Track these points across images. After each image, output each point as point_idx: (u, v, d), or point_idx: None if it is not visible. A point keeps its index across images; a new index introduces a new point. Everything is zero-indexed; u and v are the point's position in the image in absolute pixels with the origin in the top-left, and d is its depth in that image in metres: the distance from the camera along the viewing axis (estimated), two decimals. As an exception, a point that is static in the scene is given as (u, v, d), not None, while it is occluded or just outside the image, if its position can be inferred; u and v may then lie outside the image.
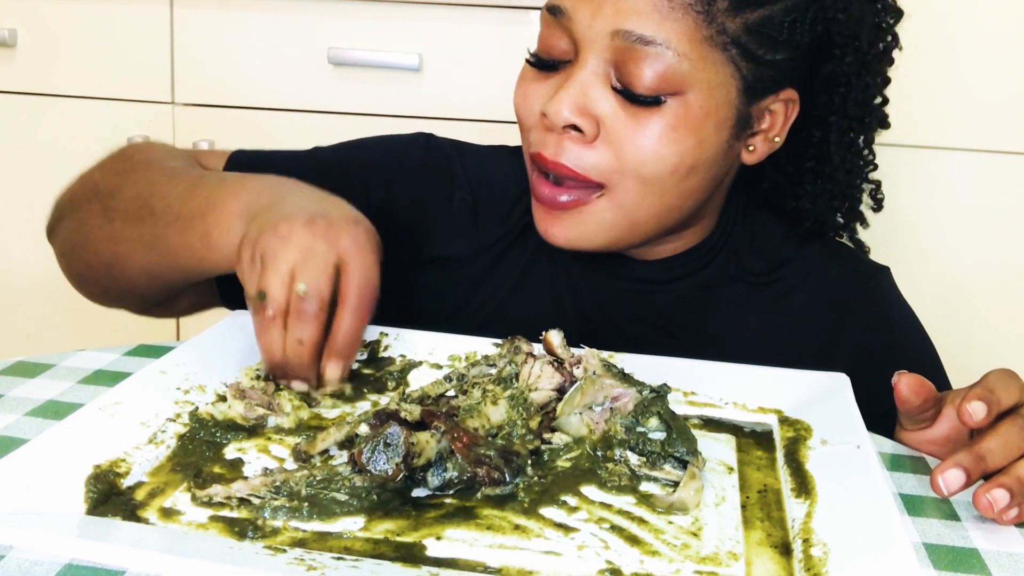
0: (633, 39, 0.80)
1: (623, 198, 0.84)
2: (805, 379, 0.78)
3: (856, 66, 0.89)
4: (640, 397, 0.70)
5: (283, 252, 0.71)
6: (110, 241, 0.87)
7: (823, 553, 0.56)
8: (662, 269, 0.95)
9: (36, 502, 0.56)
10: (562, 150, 0.83)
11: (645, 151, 0.82)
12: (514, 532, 0.59)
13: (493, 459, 0.63)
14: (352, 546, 0.56)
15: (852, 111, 0.92)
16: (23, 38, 1.58)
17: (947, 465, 0.64)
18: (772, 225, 0.99)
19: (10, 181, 1.64)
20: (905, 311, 0.98)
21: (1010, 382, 0.68)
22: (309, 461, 0.65)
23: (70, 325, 1.67)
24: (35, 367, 0.78)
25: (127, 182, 0.88)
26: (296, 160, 1.00)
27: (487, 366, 0.77)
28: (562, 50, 0.84)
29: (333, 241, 0.72)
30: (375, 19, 1.50)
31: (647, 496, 0.64)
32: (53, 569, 0.51)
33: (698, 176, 0.85)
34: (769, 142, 0.89)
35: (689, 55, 0.80)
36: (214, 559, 0.52)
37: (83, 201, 0.91)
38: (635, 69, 0.80)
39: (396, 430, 0.61)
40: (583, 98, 0.82)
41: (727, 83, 0.82)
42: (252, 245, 0.73)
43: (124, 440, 0.64)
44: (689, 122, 0.82)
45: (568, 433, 0.70)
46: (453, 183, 1.00)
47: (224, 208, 0.79)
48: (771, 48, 0.83)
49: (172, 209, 0.82)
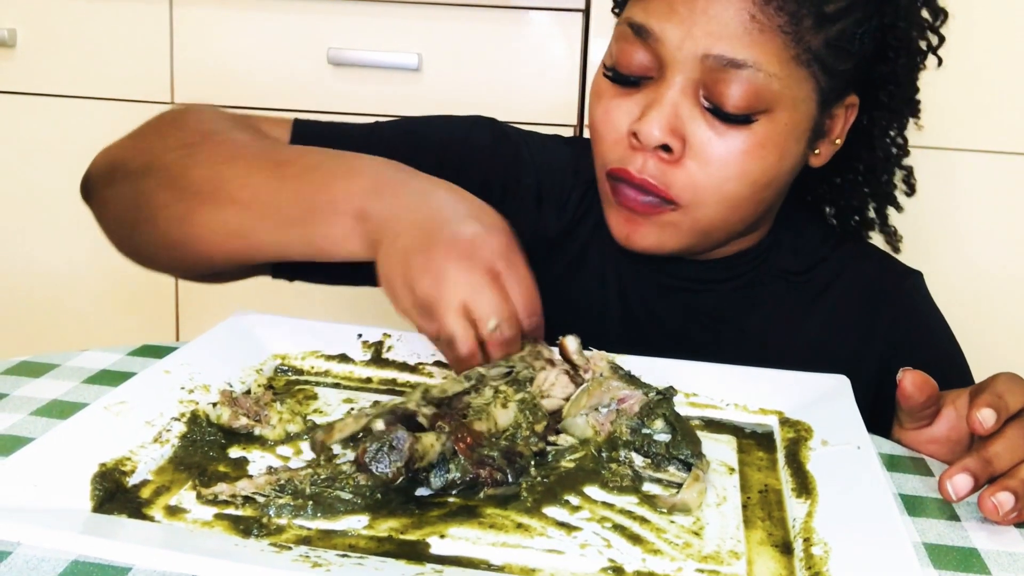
0: (725, 63, 0.80)
1: (698, 213, 0.85)
2: (806, 381, 0.79)
3: (907, 66, 0.91)
4: (646, 399, 0.70)
5: (447, 294, 0.68)
6: (182, 222, 0.82)
7: (824, 552, 0.57)
8: (713, 270, 0.96)
9: (43, 499, 0.57)
10: (648, 167, 0.84)
11: (730, 168, 0.83)
12: (517, 531, 0.59)
13: (496, 460, 0.64)
14: (356, 544, 0.57)
15: (896, 106, 0.94)
16: (22, 38, 1.58)
17: (955, 470, 0.65)
18: (812, 227, 1.00)
19: (9, 181, 1.64)
20: (935, 315, 0.99)
21: (1017, 387, 0.69)
22: (326, 451, 0.65)
23: (73, 325, 1.68)
24: (40, 367, 0.78)
25: (195, 160, 0.82)
26: (360, 135, 0.97)
27: (506, 366, 0.76)
28: (644, 66, 0.84)
29: (488, 263, 0.70)
30: (374, 19, 1.51)
31: (650, 497, 0.64)
32: (60, 566, 0.52)
33: (774, 188, 0.87)
34: (832, 145, 0.91)
35: (779, 75, 0.81)
36: (220, 556, 0.52)
37: (141, 170, 0.85)
38: (726, 90, 0.80)
39: (403, 435, 0.61)
40: (674, 118, 0.82)
41: (809, 97, 0.84)
42: (406, 286, 0.70)
43: (129, 439, 0.64)
44: (776, 138, 0.83)
45: (574, 434, 0.70)
46: (521, 167, 0.99)
47: (329, 213, 0.74)
48: (844, 59, 0.84)
49: (259, 201, 0.78)
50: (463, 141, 0.98)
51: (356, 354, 0.83)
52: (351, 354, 0.83)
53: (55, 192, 1.59)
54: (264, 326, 0.84)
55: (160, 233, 0.85)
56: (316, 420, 0.73)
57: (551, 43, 1.48)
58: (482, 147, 0.98)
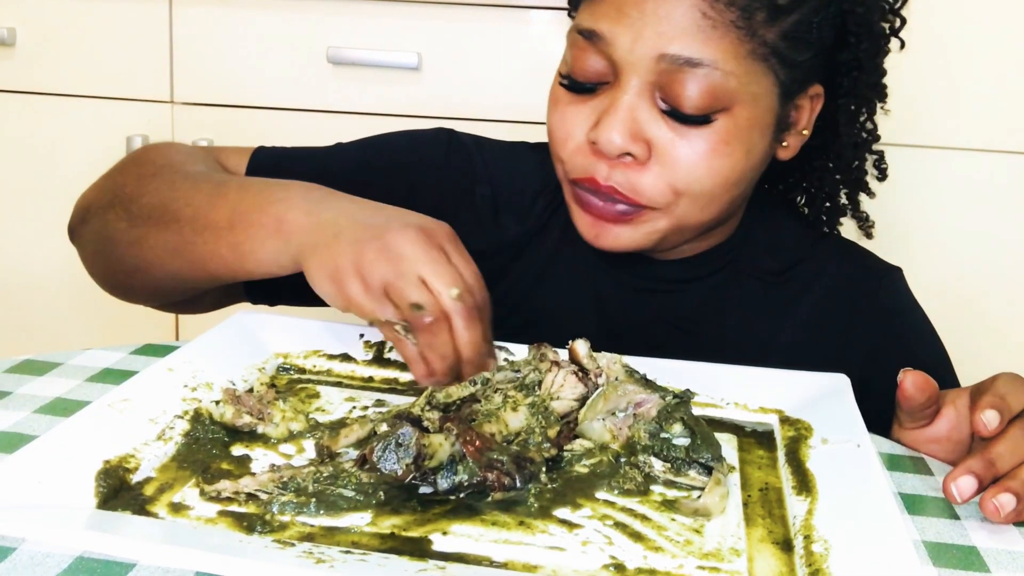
0: (680, 62, 0.79)
1: (675, 212, 0.85)
2: (806, 380, 0.79)
3: (870, 51, 0.90)
4: (663, 403, 0.70)
5: (405, 268, 0.69)
6: (134, 246, 0.86)
7: (824, 549, 0.57)
8: (684, 269, 0.96)
9: (47, 496, 0.57)
10: (614, 176, 0.83)
11: (699, 169, 0.82)
12: (519, 528, 0.59)
13: (505, 464, 0.63)
14: (359, 540, 0.57)
15: (861, 92, 0.93)
16: (22, 37, 1.58)
17: (959, 472, 0.65)
18: (787, 225, 1.00)
19: (10, 180, 1.64)
20: (917, 311, 0.99)
21: (1018, 387, 0.69)
22: (333, 457, 0.66)
23: (76, 324, 1.68)
24: (43, 365, 0.78)
25: (149, 187, 0.86)
26: (317, 159, 0.99)
27: (512, 371, 0.76)
28: (598, 72, 0.83)
29: (437, 244, 0.71)
30: (374, 18, 1.51)
31: (671, 501, 0.64)
32: (64, 562, 0.52)
33: (744, 183, 0.87)
34: (799, 135, 0.90)
35: (735, 72, 0.80)
36: (224, 552, 0.52)
37: (106, 205, 0.90)
38: (682, 90, 0.80)
39: (408, 430, 0.61)
40: (632, 123, 0.81)
41: (769, 91, 0.83)
42: (357, 275, 0.70)
43: (133, 436, 0.65)
44: (738, 135, 0.82)
45: (591, 439, 0.70)
46: (475, 179, 0.99)
47: (254, 220, 0.77)
48: (802, 49, 0.83)
49: (199, 217, 0.80)
50: (417, 163, 0.99)
51: (358, 354, 0.83)
52: (353, 354, 0.83)
53: (55, 191, 1.59)
54: (266, 325, 0.84)
55: (117, 259, 0.89)
56: (319, 419, 0.73)
57: (551, 42, 1.48)
58: (435, 165, 0.99)
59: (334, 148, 1.01)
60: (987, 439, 0.67)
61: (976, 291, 1.49)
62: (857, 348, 0.94)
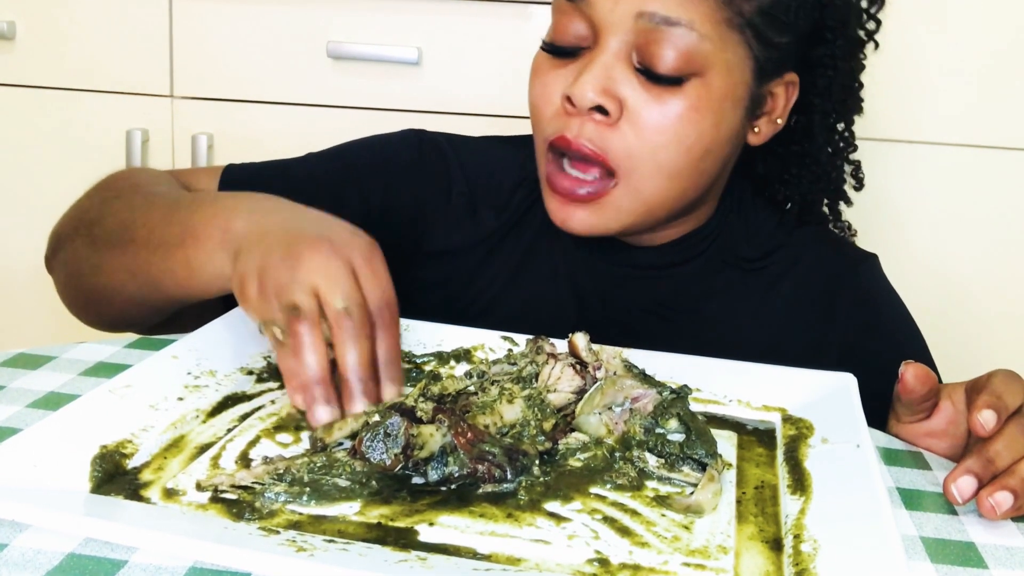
0: (657, 20, 0.81)
1: (638, 184, 0.85)
2: (811, 378, 0.78)
3: (845, 50, 0.92)
4: (660, 398, 0.70)
5: (301, 275, 0.67)
6: (96, 271, 0.86)
7: (812, 549, 0.56)
8: (660, 255, 0.96)
9: (42, 479, 0.57)
10: (585, 131, 0.84)
11: (667, 133, 0.83)
12: (506, 520, 0.59)
13: (497, 456, 0.63)
14: (346, 529, 0.57)
15: (836, 94, 0.94)
16: (22, 30, 1.58)
17: (958, 472, 0.64)
18: (765, 214, 1.00)
19: (9, 174, 1.64)
20: (893, 297, 0.99)
21: (1014, 385, 0.69)
22: (326, 449, 0.65)
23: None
24: (36, 359, 0.78)
25: (110, 211, 0.86)
26: (289, 171, 0.99)
27: (509, 364, 0.76)
28: (579, 35, 0.85)
29: (345, 258, 0.69)
30: (374, 12, 1.50)
31: (664, 497, 0.63)
32: (56, 559, 0.52)
33: (711, 158, 0.87)
34: (773, 124, 0.92)
35: (710, 36, 0.82)
36: (205, 539, 0.53)
37: (71, 233, 0.90)
38: (658, 50, 0.81)
39: (396, 420, 0.61)
40: (607, 80, 0.83)
41: (743, 64, 0.85)
42: (257, 277, 0.69)
43: (132, 422, 0.65)
44: (710, 102, 0.83)
45: (587, 433, 0.70)
46: (450, 176, 1.00)
47: (202, 233, 0.76)
48: (779, 31, 0.85)
49: (153, 236, 0.80)
50: (389, 164, 1.00)
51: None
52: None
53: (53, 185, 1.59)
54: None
55: (83, 286, 0.89)
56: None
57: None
58: (407, 166, 1.00)
59: (305, 159, 1.02)
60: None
61: (957, 285, 1.48)
62: (835, 334, 0.94)
